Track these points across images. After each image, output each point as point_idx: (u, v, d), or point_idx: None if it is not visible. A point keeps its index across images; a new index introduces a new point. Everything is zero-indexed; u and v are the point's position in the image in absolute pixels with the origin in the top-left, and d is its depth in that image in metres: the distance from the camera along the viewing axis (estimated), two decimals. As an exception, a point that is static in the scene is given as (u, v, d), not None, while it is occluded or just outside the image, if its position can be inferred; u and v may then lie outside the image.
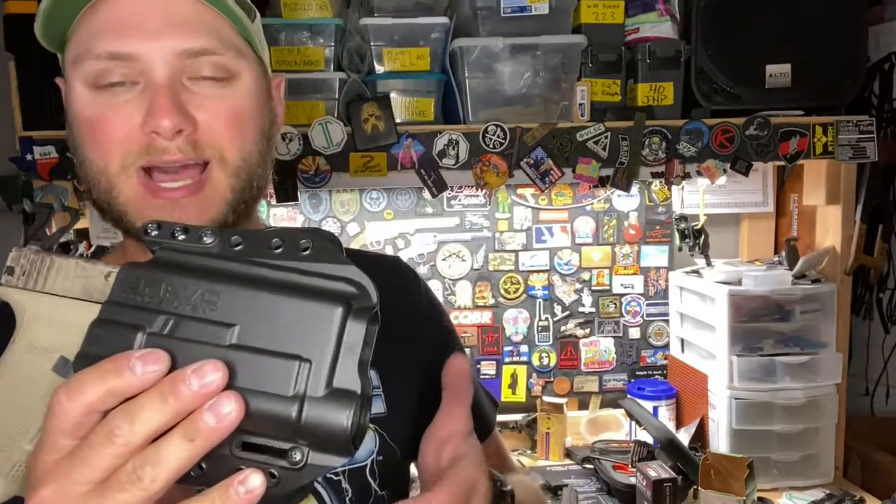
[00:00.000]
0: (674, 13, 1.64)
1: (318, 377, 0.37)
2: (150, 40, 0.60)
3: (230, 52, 0.64)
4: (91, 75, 0.61)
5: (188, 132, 0.61)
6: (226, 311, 0.38)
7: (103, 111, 0.62)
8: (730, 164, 1.60)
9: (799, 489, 1.67)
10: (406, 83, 1.56)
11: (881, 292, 1.96)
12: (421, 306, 0.87)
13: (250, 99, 0.66)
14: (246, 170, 0.66)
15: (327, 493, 0.71)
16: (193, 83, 0.62)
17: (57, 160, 1.44)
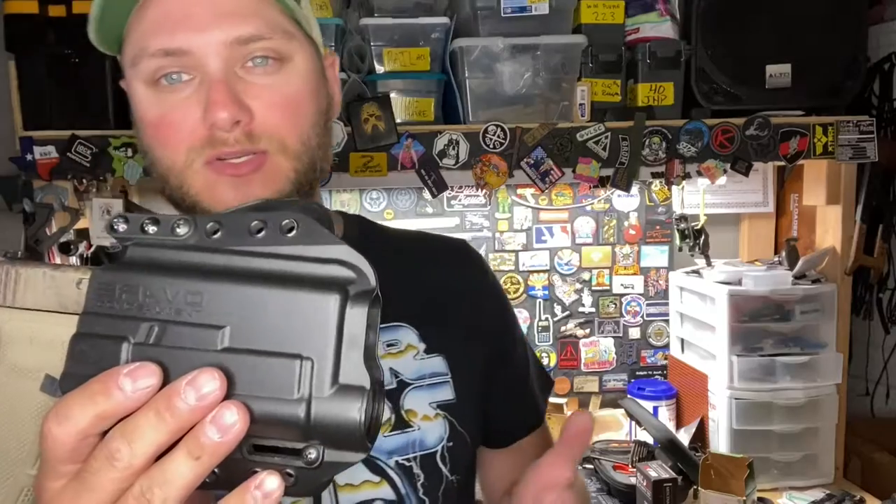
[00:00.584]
0: (674, 13, 1.64)
1: (322, 375, 0.34)
2: (200, 33, 0.61)
3: (279, 35, 0.64)
4: (148, 74, 0.63)
5: (245, 123, 0.62)
6: (213, 312, 0.35)
7: (165, 110, 0.63)
8: (730, 164, 1.60)
9: (799, 489, 1.67)
10: (406, 83, 1.56)
11: (881, 292, 1.96)
12: (486, 291, 0.87)
13: (304, 82, 0.66)
14: (307, 153, 0.66)
15: (400, 479, 0.72)
16: (246, 72, 0.63)
17: (57, 160, 1.44)
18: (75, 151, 1.44)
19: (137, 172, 1.46)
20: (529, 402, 0.90)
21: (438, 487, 0.73)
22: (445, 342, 0.78)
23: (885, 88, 1.88)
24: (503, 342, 0.86)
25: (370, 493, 0.70)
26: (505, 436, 0.88)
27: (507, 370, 0.86)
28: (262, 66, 0.64)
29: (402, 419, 0.73)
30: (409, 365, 0.76)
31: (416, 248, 0.87)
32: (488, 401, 0.82)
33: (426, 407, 0.75)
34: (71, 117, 1.45)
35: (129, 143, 1.46)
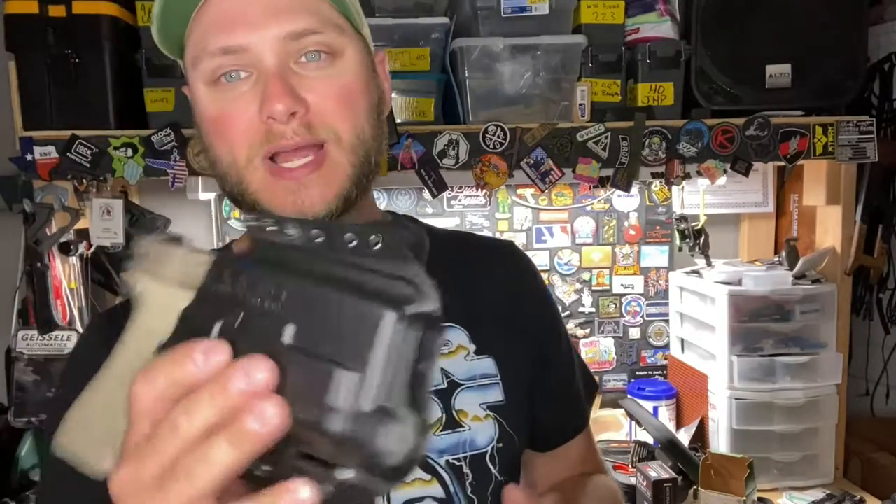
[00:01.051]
0: (674, 13, 1.64)
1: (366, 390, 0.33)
2: (256, 30, 0.64)
3: (331, 30, 0.66)
4: (208, 73, 0.66)
5: (301, 114, 0.64)
6: (288, 308, 0.36)
7: (224, 108, 0.66)
8: (730, 164, 1.60)
9: (799, 489, 1.67)
10: (406, 83, 1.56)
11: (881, 292, 1.96)
12: (533, 293, 0.88)
13: (356, 76, 0.68)
14: (362, 146, 0.68)
15: (450, 478, 0.73)
16: (301, 67, 0.66)
17: (57, 160, 1.44)
18: (75, 151, 1.44)
19: (137, 172, 1.46)
20: (574, 406, 0.91)
21: (487, 488, 0.74)
22: (495, 344, 0.79)
23: (885, 88, 1.88)
24: (549, 345, 0.87)
25: (421, 490, 0.72)
26: (548, 439, 0.88)
27: (552, 373, 0.86)
28: (316, 60, 0.66)
29: (453, 419, 0.74)
30: (460, 365, 0.77)
31: (464, 248, 0.88)
32: (534, 403, 0.83)
33: (476, 408, 0.76)
34: (71, 117, 1.45)
35: (129, 143, 1.46)
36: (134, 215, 1.64)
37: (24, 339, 1.45)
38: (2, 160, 1.49)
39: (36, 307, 1.45)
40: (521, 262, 0.90)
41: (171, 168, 1.46)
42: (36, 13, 1.42)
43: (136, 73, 1.49)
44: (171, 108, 1.49)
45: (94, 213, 1.49)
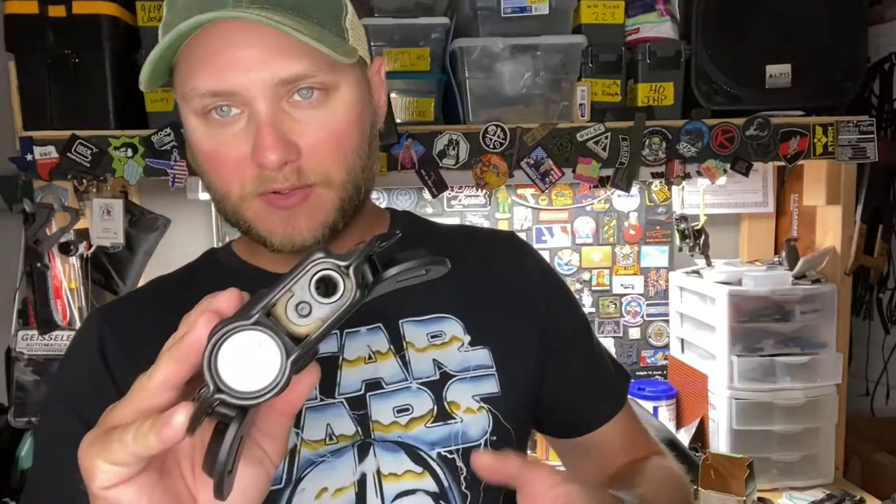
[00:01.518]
0: (674, 13, 1.64)
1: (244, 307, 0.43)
2: (246, 74, 0.63)
3: (324, 71, 0.65)
4: (198, 109, 0.66)
5: (293, 161, 0.65)
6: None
7: (218, 146, 0.67)
8: (730, 164, 1.60)
9: (799, 489, 1.67)
10: (406, 83, 1.56)
11: (881, 292, 1.96)
12: (537, 282, 0.85)
13: (349, 112, 0.68)
14: (351, 182, 0.70)
15: (442, 471, 0.72)
16: (293, 107, 0.65)
17: (57, 160, 1.44)
18: (75, 151, 1.44)
19: (137, 172, 1.46)
20: (599, 391, 0.88)
21: (481, 482, 0.72)
22: (491, 335, 0.78)
23: (885, 88, 1.88)
24: (559, 331, 0.85)
25: (412, 483, 0.71)
26: (575, 426, 0.87)
27: (567, 360, 0.85)
28: (308, 98, 0.66)
29: (445, 410, 0.73)
30: (454, 357, 0.76)
31: (463, 241, 0.88)
32: (549, 391, 0.82)
33: (469, 399, 0.74)
34: (71, 117, 1.45)
35: (129, 143, 1.46)
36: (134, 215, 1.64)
37: (24, 339, 1.45)
38: (2, 160, 1.49)
39: (36, 307, 1.45)
40: (523, 250, 0.89)
41: (171, 168, 1.46)
42: (36, 13, 1.41)
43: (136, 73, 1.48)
44: (171, 108, 1.49)
45: (94, 213, 1.48)
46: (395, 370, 0.73)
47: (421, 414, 0.72)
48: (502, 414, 0.75)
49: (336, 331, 0.68)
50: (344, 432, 0.70)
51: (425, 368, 0.74)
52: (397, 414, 0.72)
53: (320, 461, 0.69)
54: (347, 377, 0.72)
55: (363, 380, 0.73)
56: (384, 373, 0.73)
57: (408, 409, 0.72)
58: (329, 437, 0.70)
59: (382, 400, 0.72)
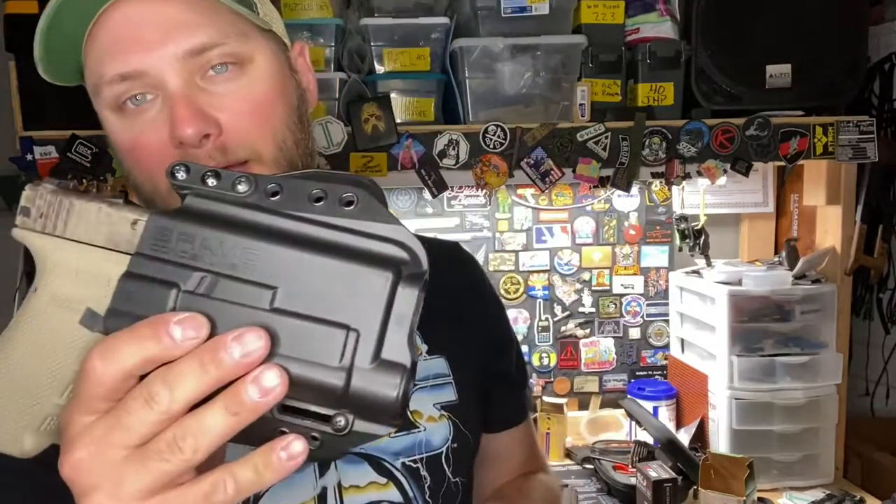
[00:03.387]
0: (674, 13, 1.64)
1: (366, 348, 0.35)
2: (152, 51, 0.59)
3: (234, 39, 0.61)
4: (111, 100, 0.62)
5: (214, 136, 0.60)
6: (266, 272, 0.36)
7: (135, 135, 0.62)
8: (730, 164, 1.60)
9: (799, 489, 1.67)
10: (406, 83, 1.56)
11: (881, 292, 1.96)
12: (481, 293, 0.89)
13: (270, 82, 0.64)
14: (284, 157, 0.65)
15: (407, 481, 0.71)
16: (208, 82, 0.61)
17: (57, 160, 1.44)
18: (75, 151, 1.44)
19: (137, 172, 1.46)
20: (516, 398, 0.93)
21: (441, 489, 0.73)
22: (445, 344, 0.79)
23: (885, 88, 1.88)
24: (499, 342, 0.88)
25: (376, 494, 0.70)
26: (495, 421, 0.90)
27: (501, 367, 0.88)
28: (223, 72, 0.61)
29: (408, 420, 0.73)
30: None
31: None
32: (488, 392, 0.84)
33: (430, 408, 0.75)
34: (71, 117, 1.45)
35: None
36: (134, 215, 1.64)
37: (24, 339, 1.45)
38: (2, 160, 1.49)
39: (36, 307, 1.45)
40: (467, 262, 0.91)
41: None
42: (36, 13, 1.41)
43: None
44: (171, 108, 1.49)
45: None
46: None
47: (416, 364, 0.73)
48: (461, 421, 0.76)
49: None
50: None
51: None
52: None
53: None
54: None
55: None
56: None
57: None
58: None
59: None
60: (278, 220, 0.37)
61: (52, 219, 0.39)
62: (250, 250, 0.36)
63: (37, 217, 0.40)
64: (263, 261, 0.36)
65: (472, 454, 0.79)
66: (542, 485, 0.92)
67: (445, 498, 0.73)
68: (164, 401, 0.34)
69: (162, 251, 0.37)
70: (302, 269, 0.36)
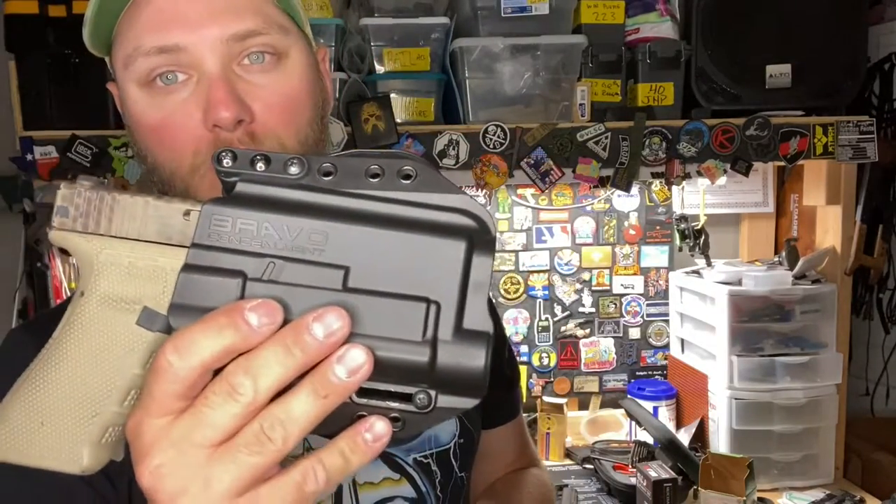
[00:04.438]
0: (674, 13, 1.64)
1: (447, 319, 0.34)
2: (195, 30, 0.59)
3: (276, 30, 0.62)
4: (142, 74, 0.61)
5: (247, 122, 0.60)
6: (334, 252, 0.35)
7: (164, 114, 0.61)
8: (730, 164, 1.60)
9: (799, 489, 1.67)
10: (406, 83, 1.56)
11: (881, 292, 1.96)
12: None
13: (301, 79, 0.65)
14: (304, 152, 0.65)
15: (419, 477, 0.73)
16: (244, 70, 0.62)
17: (57, 160, 1.44)
18: (75, 151, 1.44)
19: (137, 172, 1.46)
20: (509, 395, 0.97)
21: (449, 484, 0.75)
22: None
23: (885, 88, 1.88)
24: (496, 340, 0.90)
25: (390, 490, 0.71)
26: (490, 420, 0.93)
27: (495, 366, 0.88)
28: (259, 62, 0.62)
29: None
30: None
31: None
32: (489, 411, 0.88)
33: None
34: (71, 117, 1.45)
35: (129, 143, 1.46)
36: (134, 215, 1.64)
37: (24, 339, 1.45)
38: (2, 160, 1.49)
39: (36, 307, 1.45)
40: None
41: (171, 168, 1.46)
42: (36, 13, 1.42)
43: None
44: (171, 108, 1.49)
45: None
46: None
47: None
48: (466, 417, 0.78)
49: None
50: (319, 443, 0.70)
51: None
52: None
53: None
54: None
55: None
56: None
57: None
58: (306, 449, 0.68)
59: None
60: (338, 199, 0.36)
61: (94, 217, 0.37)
62: (315, 232, 0.35)
63: (77, 216, 0.37)
64: (330, 241, 0.35)
65: (475, 449, 0.81)
66: (535, 478, 0.95)
67: (454, 492, 0.75)
68: (248, 391, 0.32)
69: (221, 240, 0.35)
70: (372, 246, 0.35)
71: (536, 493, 0.91)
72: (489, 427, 0.91)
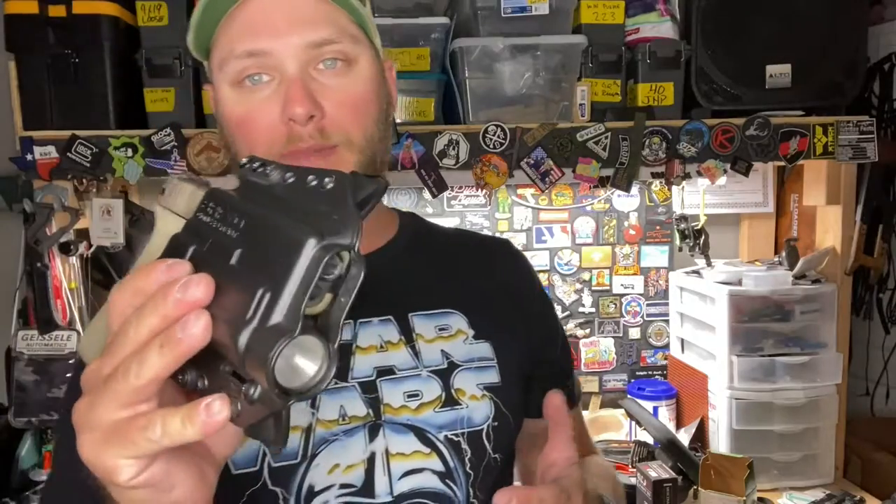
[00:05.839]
0: (674, 13, 1.64)
1: (274, 308, 0.36)
2: (280, 37, 0.70)
3: (348, 40, 0.72)
4: (233, 74, 0.72)
5: (318, 118, 0.70)
6: (243, 235, 0.40)
7: (248, 109, 0.72)
8: (730, 164, 1.60)
9: (799, 489, 1.67)
10: (406, 83, 1.56)
11: (881, 292, 1.96)
12: (528, 285, 0.94)
13: (368, 83, 0.74)
14: (369, 147, 0.74)
15: (449, 453, 0.77)
16: (319, 73, 0.71)
17: (57, 160, 1.44)
18: (75, 151, 1.44)
19: (137, 172, 1.46)
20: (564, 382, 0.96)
21: (481, 463, 0.79)
22: (492, 330, 0.84)
23: (885, 88, 1.88)
24: (545, 333, 0.93)
25: (420, 462, 0.76)
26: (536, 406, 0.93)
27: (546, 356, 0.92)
28: (332, 68, 0.72)
29: (452, 397, 0.79)
30: (460, 348, 0.82)
31: (465, 243, 0.95)
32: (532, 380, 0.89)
33: (474, 387, 0.80)
34: (71, 117, 1.45)
35: (129, 143, 1.46)
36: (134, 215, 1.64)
37: (24, 339, 1.45)
38: (2, 160, 1.49)
39: (36, 307, 1.45)
40: (517, 257, 0.98)
41: (171, 168, 1.46)
42: (36, 13, 1.42)
43: (136, 73, 1.49)
44: (171, 108, 1.49)
45: (94, 213, 1.48)
46: (407, 358, 0.79)
47: (430, 399, 0.78)
48: (502, 402, 0.81)
49: (350, 320, 0.77)
50: (356, 413, 0.75)
51: (434, 358, 0.80)
52: (407, 398, 0.77)
53: (333, 439, 0.74)
54: (360, 363, 0.78)
55: (375, 366, 0.78)
56: (396, 360, 0.79)
57: (418, 394, 0.78)
58: (342, 417, 0.75)
59: (393, 385, 0.77)
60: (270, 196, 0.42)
61: (169, 196, 0.48)
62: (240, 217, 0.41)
63: (166, 196, 0.48)
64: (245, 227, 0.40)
65: (512, 433, 0.84)
66: (596, 460, 0.97)
67: (486, 471, 0.79)
68: (131, 330, 0.39)
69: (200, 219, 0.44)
70: (258, 233, 0.40)
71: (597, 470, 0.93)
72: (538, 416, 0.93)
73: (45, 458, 1.50)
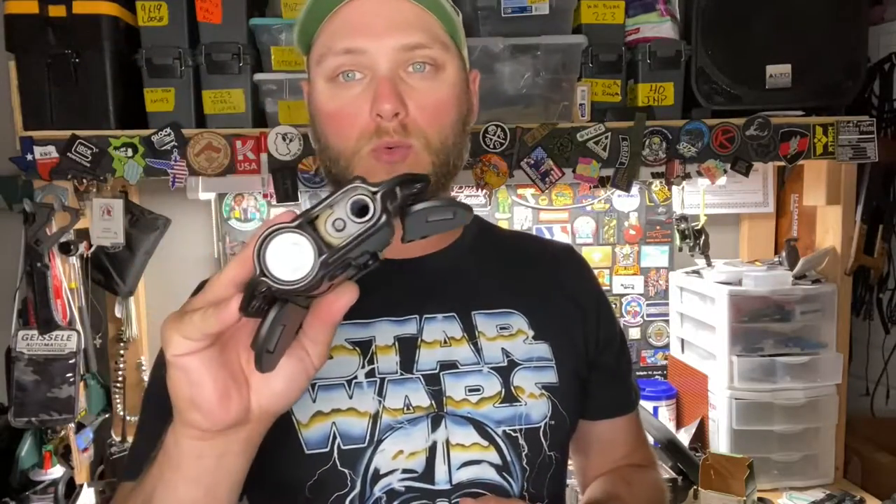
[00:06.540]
0: (674, 13, 1.64)
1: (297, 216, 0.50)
2: (376, 38, 0.75)
3: (438, 46, 0.78)
4: (330, 69, 0.77)
5: (402, 116, 0.75)
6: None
7: (341, 104, 0.77)
8: (730, 164, 1.60)
9: (799, 489, 1.67)
10: (406, 83, 1.56)
11: (881, 293, 1.96)
12: (588, 289, 0.96)
13: (452, 89, 0.80)
14: (444, 150, 0.79)
15: (506, 447, 0.80)
16: (408, 75, 0.77)
17: (57, 160, 1.44)
18: (75, 151, 1.44)
19: (137, 172, 1.46)
20: (618, 391, 0.98)
21: (538, 460, 0.81)
22: (551, 332, 0.87)
23: (885, 88, 1.88)
24: (603, 336, 0.94)
25: (478, 454, 0.79)
26: (599, 409, 0.96)
27: (601, 360, 0.94)
28: (421, 71, 0.77)
29: (511, 394, 0.82)
30: (520, 347, 0.85)
31: (528, 246, 0.99)
32: (589, 383, 0.91)
33: (532, 386, 0.83)
34: (71, 117, 1.45)
35: (130, 143, 1.46)
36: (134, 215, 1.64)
37: (24, 339, 1.45)
38: (2, 160, 1.49)
39: (36, 307, 1.45)
40: (579, 262, 1.01)
41: (171, 168, 1.46)
42: (36, 13, 1.42)
43: (136, 73, 1.49)
44: (171, 108, 1.49)
45: (94, 213, 1.48)
46: (469, 354, 0.82)
47: (490, 394, 0.81)
48: (559, 401, 0.84)
49: (415, 315, 0.82)
50: (420, 404, 0.79)
51: (495, 355, 0.83)
52: (468, 392, 0.81)
53: (398, 427, 0.78)
54: (424, 357, 0.81)
55: (438, 360, 0.82)
56: (459, 356, 0.82)
57: (479, 389, 0.81)
58: (407, 406, 0.79)
59: (456, 379, 0.81)
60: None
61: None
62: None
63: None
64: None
65: (568, 433, 0.87)
66: (649, 477, 0.98)
67: (541, 467, 0.82)
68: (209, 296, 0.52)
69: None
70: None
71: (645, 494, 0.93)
72: (597, 418, 0.95)
73: (45, 457, 1.50)
